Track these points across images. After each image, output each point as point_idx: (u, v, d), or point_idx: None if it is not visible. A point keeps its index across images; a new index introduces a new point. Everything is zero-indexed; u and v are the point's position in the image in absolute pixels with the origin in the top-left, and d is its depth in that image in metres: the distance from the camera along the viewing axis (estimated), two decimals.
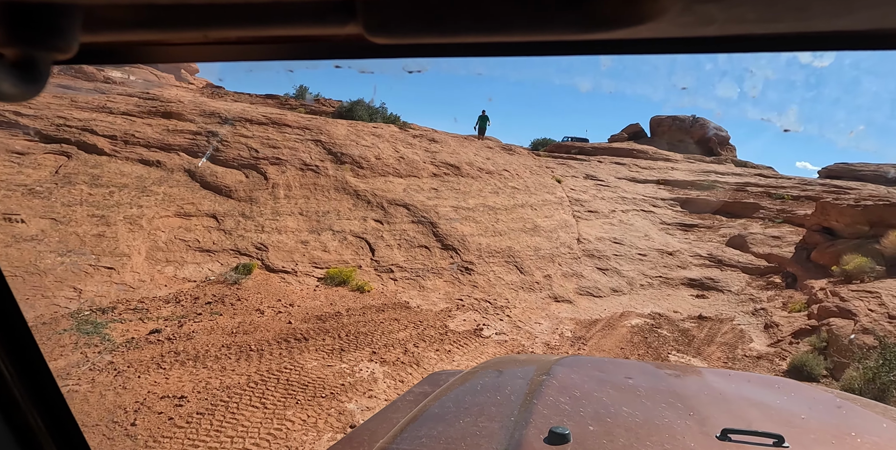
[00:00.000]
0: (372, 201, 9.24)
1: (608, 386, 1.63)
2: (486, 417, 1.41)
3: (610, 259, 10.63)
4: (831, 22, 0.38)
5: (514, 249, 9.37)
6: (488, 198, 10.87)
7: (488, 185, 11.64)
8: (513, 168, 13.64)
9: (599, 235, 11.72)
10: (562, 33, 0.40)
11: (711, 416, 1.39)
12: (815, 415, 1.52)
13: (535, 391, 1.53)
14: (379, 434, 1.55)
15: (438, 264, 8.34)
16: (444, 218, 9.39)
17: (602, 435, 1.26)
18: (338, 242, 8.10)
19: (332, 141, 10.27)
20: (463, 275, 8.29)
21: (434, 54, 0.50)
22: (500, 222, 10.05)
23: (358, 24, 0.41)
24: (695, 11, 0.37)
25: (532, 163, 15.59)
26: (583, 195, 14.50)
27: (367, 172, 9.96)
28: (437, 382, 2.08)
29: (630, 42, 0.46)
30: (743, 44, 0.46)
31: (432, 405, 1.56)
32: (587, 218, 12.80)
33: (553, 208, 12.13)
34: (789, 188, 16.24)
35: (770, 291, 9.89)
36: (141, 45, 0.53)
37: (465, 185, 11.12)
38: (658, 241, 12.39)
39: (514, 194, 11.74)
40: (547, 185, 13.95)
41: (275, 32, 0.45)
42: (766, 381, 2.01)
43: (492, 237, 9.44)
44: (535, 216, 11.01)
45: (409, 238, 8.69)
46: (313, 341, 5.26)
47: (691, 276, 10.85)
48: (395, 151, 11.11)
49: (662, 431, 1.29)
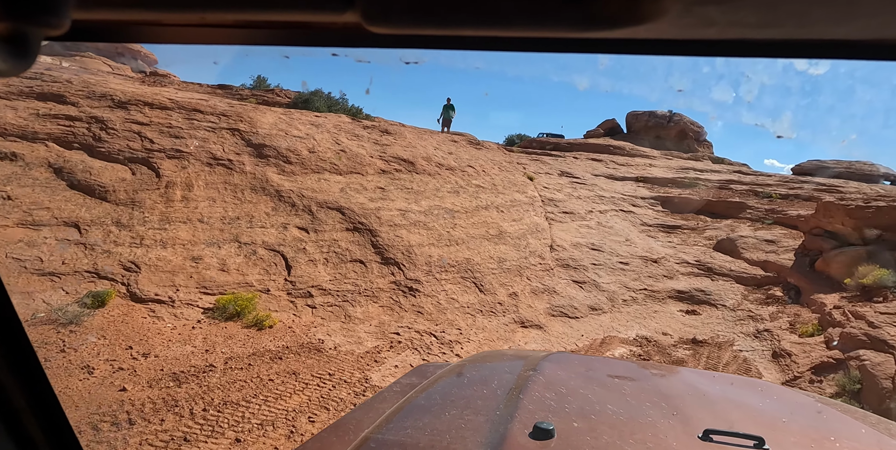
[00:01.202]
0: (298, 204, 7.33)
1: (594, 384, 1.61)
2: (472, 410, 1.39)
3: (587, 270, 8.96)
4: (830, 30, 0.38)
5: (473, 262, 7.60)
6: (446, 198, 9.06)
7: (448, 183, 9.82)
8: (479, 164, 11.87)
9: (575, 240, 10.05)
10: (561, 31, 0.40)
11: (694, 416, 1.38)
12: (797, 419, 1.51)
13: (522, 386, 1.51)
14: (365, 424, 1.51)
15: (375, 284, 6.50)
16: (387, 224, 7.54)
17: (586, 432, 1.24)
18: (243, 258, 6.18)
19: (254, 130, 8.29)
20: (406, 297, 6.47)
21: (432, 46, 0.49)
22: (458, 228, 8.25)
23: (356, 12, 0.40)
24: (695, 13, 0.37)
25: (502, 158, 13.84)
26: (557, 194, 12.82)
27: (297, 169, 8.02)
28: (425, 374, 2.01)
29: (629, 42, 0.45)
30: (741, 48, 0.45)
31: (419, 397, 1.54)
32: (562, 220, 11.11)
33: (523, 210, 10.39)
34: (775, 186, 14.90)
35: (771, 306, 8.35)
36: (135, 24, 0.51)
37: (420, 183, 9.28)
38: (640, 246, 10.79)
39: (478, 194, 9.96)
40: (517, 183, 12.22)
41: (273, 17, 0.44)
42: (749, 383, 1.97)
43: (446, 247, 7.63)
44: (502, 220, 9.25)
45: (339, 250, 6.82)
46: (144, 425, 3.37)
47: (679, 287, 9.26)
48: (336, 143, 9.20)
49: (646, 429, 1.27)
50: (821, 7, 0.35)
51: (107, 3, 0.42)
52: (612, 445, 1.18)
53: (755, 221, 12.77)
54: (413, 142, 10.94)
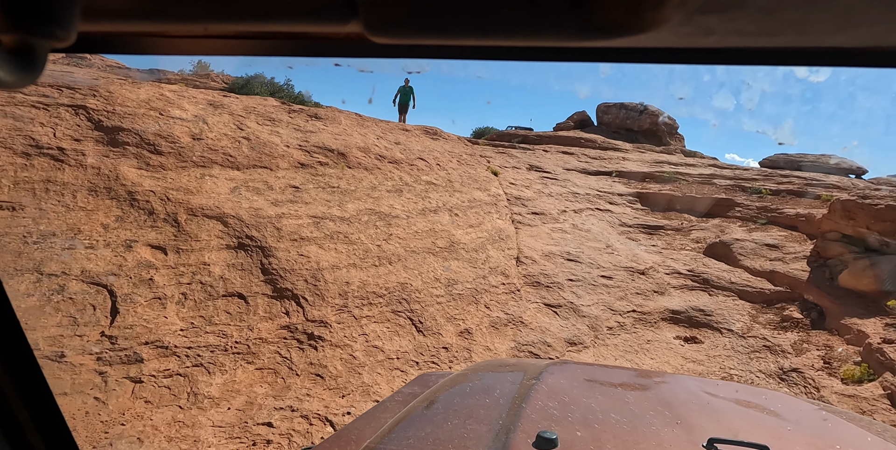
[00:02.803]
0: (158, 211, 5.00)
1: (597, 392, 1.58)
2: (475, 419, 1.36)
3: (563, 288, 6.94)
4: (830, 38, 0.38)
5: (410, 288, 5.44)
6: (383, 200, 6.86)
7: (389, 179, 7.62)
8: (433, 157, 9.70)
9: (547, 248, 8.02)
10: (563, 40, 0.39)
11: (699, 425, 1.34)
12: (802, 427, 1.48)
13: (524, 395, 1.48)
14: (366, 434, 1.49)
15: (256, 332, 4.27)
16: (289, 238, 5.29)
17: (590, 441, 1.21)
18: (38, 299, 3.84)
19: (111, 109, 5.87)
20: (302, 350, 4.27)
21: (435, 56, 0.49)
22: (395, 240, 6.07)
23: (359, 22, 0.39)
24: (695, 22, 0.36)
25: (462, 150, 11.71)
26: (525, 191, 10.79)
27: (169, 161, 5.66)
28: (427, 383, 1.98)
29: (630, 50, 0.45)
30: (742, 56, 0.45)
31: (421, 406, 1.51)
32: (531, 223, 9.08)
33: (484, 212, 8.30)
34: (762, 181, 13.28)
35: (791, 332, 6.53)
36: (140, 36, 0.51)
37: (351, 180, 7.05)
38: (623, 253, 8.86)
39: (428, 193, 7.79)
40: (479, 178, 10.12)
41: (275, 28, 0.44)
42: (753, 392, 1.87)
43: (374, 268, 5.44)
44: (455, 226, 7.12)
45: (209, 280, 4.55)
46: None
47: (673, 306, 7.37)
48: (238, 127, 6.85)
49: (650, 438, 1.25)
50: (820, 16, 0.35)
51: (112, 16, 0.42)
52: None
53: (746, 220, 11.07)
54: (349, 129, 8.67)
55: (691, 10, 0.34)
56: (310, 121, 8.29)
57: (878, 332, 5.59)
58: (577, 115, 26.47)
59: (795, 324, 6.63)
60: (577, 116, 26.41)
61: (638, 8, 0.35)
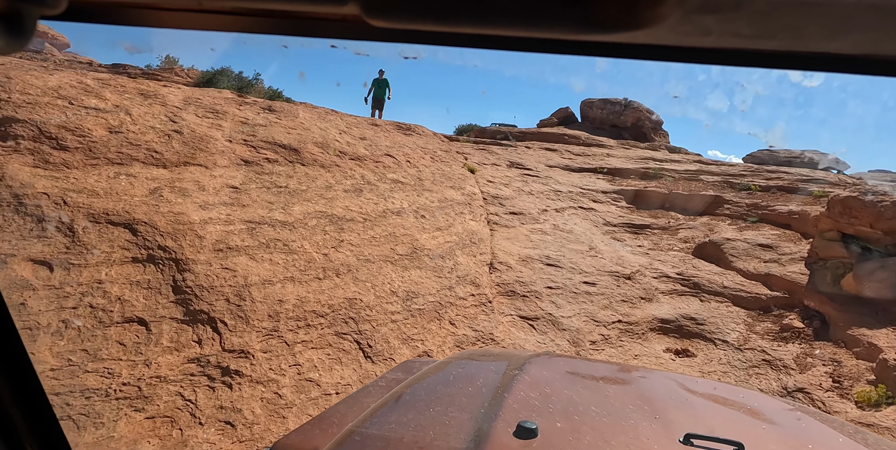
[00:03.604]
0: (50, 217, 4.09)
1: (579, 385, 1.59)
2: (457, 407, 1.36)
3: (541, 297, 6.16)
4: (824, 43, 0.38)
5: (360, 304, 4.60)
6: (337, 201, 6.00)
7: (349, 178, 6.77)
8: (403, 153, 8.86)
9: (525, 252, 7.24)
10: (560, 32, 0.39)
11: (676, 420, 1.35)
12: (777, 426, 1.50)
13: (507, 385, 1.48)
14: (349, 417, 1.46)
15: (155, 367, 3.39)
16: (212, 248, 4.41)
17: (569, 432, 1.22)
18: None
19: (5, 97, 4.92)
20: (213, 390, 3.41)
21: (432, 42, 0.48)
22: (346, 247, 5.22)
23: (357, 4, 0.39)
24: (692, 21, 0.36)
25: (437, 146, 10.87)
26: (504, 190, 10.01)
27: (76, 158, 4.74)
28: (410, 369, 1.93)
29: (626, 46, 0.45)
30: (737, 57, 0.45)
31: (404, 392, 1.50)
32: (508, 224, 8.30)
33: (455, 213, 7.49)
34: (750, 177, 12.66)
35: (792, 343, 5.83)
36: (132, 6, 0.50)
37: (303, 179, 6.18)
38: (608, 255, 8.12)
39: (393, 193, 6.96)
40: (453, 176, 9.31)
41: (271, 6, 0.43)
42: (731, 391, 1.88)
43: (316, 282, 4.58)
44: (420, 229, 6.29)
45: (102, 303, 3.66)
46: None
47: (662, 314, 6.63)
48: (171, 119, 5.93)
49: (628, 431, 1.26)
50: (815, 21, 0.35)
51: None
52: (594, 446, 1.15)
53: (736, 218, 10.42)
54: (307, 122, 7.78)
55: (689, 9, 0.34)
56: (262, 113, 7.39)
57: (893, 345, 4.90)
58: (560, 111, 25.82)
59: (797, 334, 5.93)
60: (560, 112, 25.75)
61: (636, 4, 0.34)
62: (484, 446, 1.12)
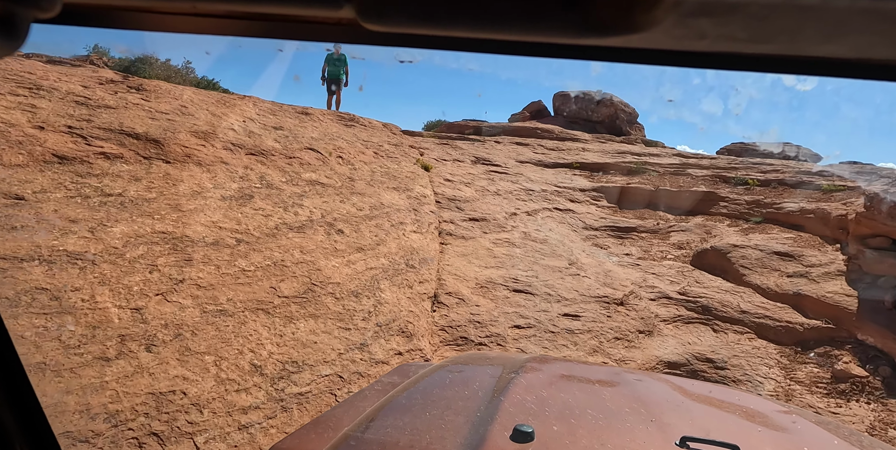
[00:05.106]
0: None
1: (575, 388, 1.56)
2: (453, 411, 1.33)
3: (506, 344, 4.25)
4: (819, 47, 0.38)
5: (178, 402, 2.60)
6: (201, 214, 3.95)
7: (237, 179, 4.72)
8: (334, 147, 6.85)
9: (485, 274, 5.32)
10: (557, 36, 0.39)
11: (672, 423, 1.33)
12: (772, 429, 1.47)
13: (503, 389, 1.46)
14: (345, 421, 1.43)
15: None
16: None
17: (565, 435, 1.21)
18: None
19: None
20: None
21: (428, 46, 0.47)
22: (184, 292, 3.18)
23: (353, 8, 0.38)
24: (687, 25, 0.36)
25: (384, 140, 8.87)
26: (464, 190, 8.09)
27: None
28: (406, 373, 1.90)
29: (622, 50, 0.44)
30: (732, 61, 0.44)
31: (400, 396, 1.48)
32: (466, 234, 6.38)
33: (391, 223, 5.52)
34: (744, 170, 11.06)
35: (856, 400, 4.07)
36: (126, 10, 0.49)
37: (156, 182, 4.11)
38: (593, 271, 6.27)
39: (301, 199, 4.94)
40: (400, 175, 7.34)
41: (266, 10, 0.42)
42: (727, 393, 1.87)
43: (95, 366, 2.54)
44: (330, 252, 4.29)
45: None
46: None
47: (668, 355, 4.81)
48: None
49: (624, 435, 1.24)
50: (810, 24, 0.35)
51: None
52: (590, 449, 1.14)
53: (736, 217, 8.76)
54: (190, 107, 5.67)
55: (684, 12, 0.34)
56: (119, 93, 5.26)
57: None
58: (532, 104, 24.09)
59: (859, 386, 4.18)
60: (532, 105, 24.03)
61: (631, 8, 0.35)
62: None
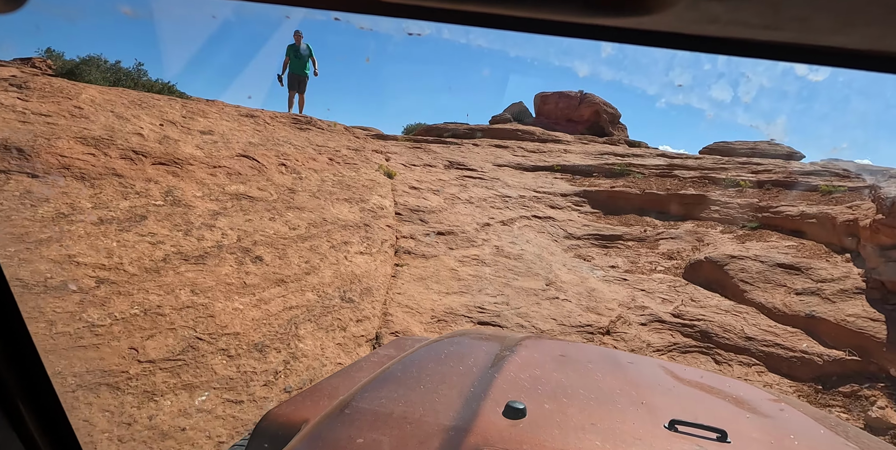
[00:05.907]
0: None
1: (568, 368, 1.56)
2: (447, 385, 1.33)
3: None
4: (830, 37, 0.38)
5: None
6: (53, 246, 2.97)
7: (130, 196, 3.73)
8: (278, 153, 5.88)
9: (445, 303, 4.41)
10: (568, 14, 0.38)
11: (662, 406, 1.32)
12: (760, 415, 1.47)
13: (498, 365, 1.47)
14: (341, 390, 1.47)
15: None
16: None
17: (556, 413, 1.21)
18: None
19: None
20: None
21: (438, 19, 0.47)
22: None
23: None
24: (700, 9, 0.35)
25: (343, 144, 7.93)
26: (431, 199, 7.18)
27: None
28: (403, 346, 1.97)
29: (633, 32, 0.44)
30: (743, 48, 0.44)
31: (396, 368, 1.48)
32: (427, 252, 5.45)
33: (332, 244, 4.57)
34: (734, 170, 10.33)
35: None
36: None
37: (3, 205, 3.12)
38: (574, 292, 5.39)
39: (214, 218, 3.97)
40: (356, 184, 6.40)
41: None
42: (718, 380, 1.84)
43: None
44: (236, 289, 3.34)
45: None
46: None
47: None
48: None
49: (615, 415, 1.23)
50: (822, 14, 0.34)
51: None
52: (580, 428, 1.14)
53: (728, 222, 7.97)
54: (85, 108, 4.66)
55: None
56: None
57: None
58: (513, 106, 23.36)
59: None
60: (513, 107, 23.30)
61: None
62: (472, 424, 1.11)
